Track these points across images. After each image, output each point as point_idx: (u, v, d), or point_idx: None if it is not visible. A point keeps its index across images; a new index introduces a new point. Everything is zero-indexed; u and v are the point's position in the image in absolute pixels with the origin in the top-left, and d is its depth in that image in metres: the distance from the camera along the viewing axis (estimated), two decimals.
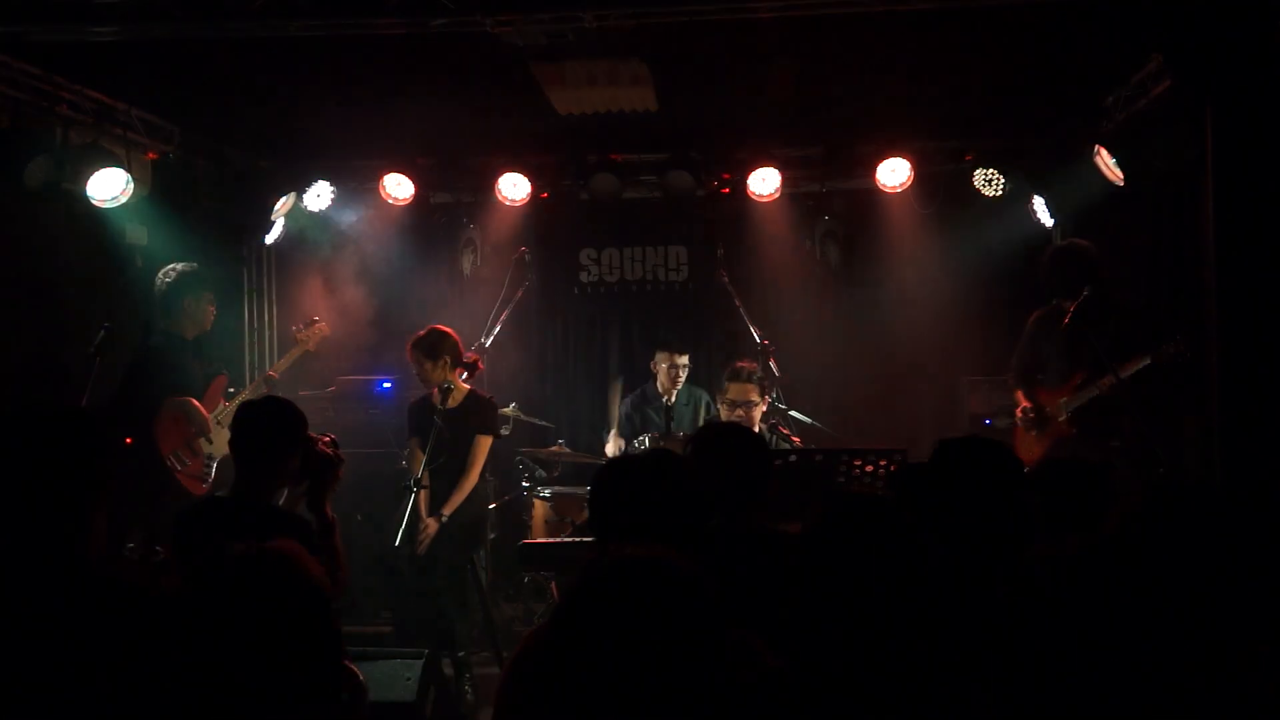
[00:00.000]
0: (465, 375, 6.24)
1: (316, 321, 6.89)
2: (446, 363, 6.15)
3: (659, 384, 7.12)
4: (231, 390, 6.43)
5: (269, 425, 3.70)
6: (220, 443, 5.90)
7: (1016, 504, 2.87)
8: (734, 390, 6.29)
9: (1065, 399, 5.76)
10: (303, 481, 3.76)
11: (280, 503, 3.73)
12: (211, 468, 5.96)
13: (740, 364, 6.47)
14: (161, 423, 5.82)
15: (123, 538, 5.05)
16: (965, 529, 2.78)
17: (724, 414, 6.35)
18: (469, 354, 6.35)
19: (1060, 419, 5.77)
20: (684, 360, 7.11)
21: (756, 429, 6.19)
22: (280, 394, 6.78)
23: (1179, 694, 1.50)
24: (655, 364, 7.12)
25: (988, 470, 2.88)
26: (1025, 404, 6.00)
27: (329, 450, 3.78)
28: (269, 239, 7.62)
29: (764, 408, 6.37)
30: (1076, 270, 5.74)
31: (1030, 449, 5.90)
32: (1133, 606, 1.53)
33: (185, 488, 5.79)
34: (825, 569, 2.27)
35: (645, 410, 7.21)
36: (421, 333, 6.21)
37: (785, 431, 6.60)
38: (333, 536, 3.74)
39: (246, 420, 3.73)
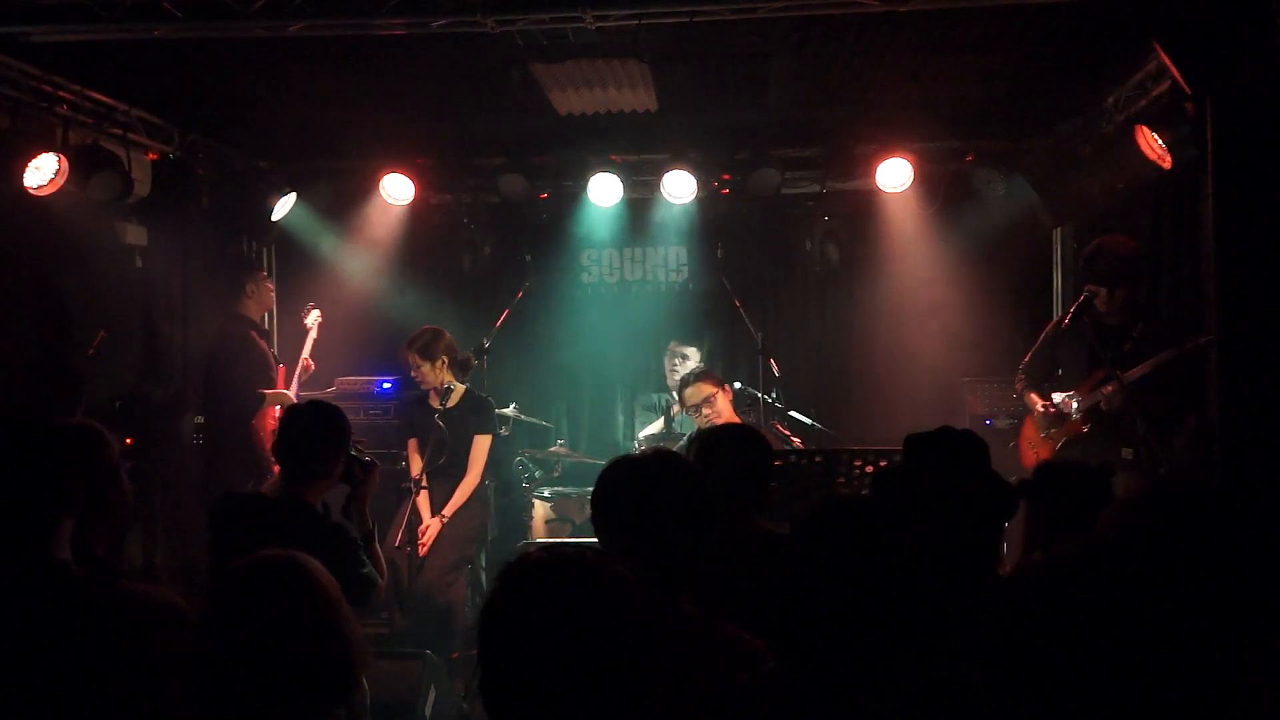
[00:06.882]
0: (461, 374, 6.24)
1: (310, 307, 7.19)
2: (444, 363, 6.14)
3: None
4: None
5: (318, 429, 3.73)
6: None
7: (990, 486, 2.89)
8: (690, 394, 6.07)
9: (1080, 398, 5.67)
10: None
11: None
12: None
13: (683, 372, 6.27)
14: (264, 417, 5.89)
15: (121, 541, 5.05)
16: (944, 518, 2.80)
17: (698, 423, 6.04)
18: (462, 353, 6.34)
19: (1074, 417, 5.68)
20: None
21: (728, 419, 5.91)
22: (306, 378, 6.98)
23: (1179, 694, 1.50)
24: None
25: (955, 456, 2.90)
26: (1045, 402, 5.86)
27: (367, 457, 3.84)
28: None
29: (729, 394, 6.15)
30: (1114, 265, 5.55)
31: (1038, 449, 5.83)
32: (1131, 607, 1.54)
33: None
34: (808, 571, 2.29)
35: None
36: (415, 334, 6.19)
37: (785, 432, 6.58)
38: (374, 543, 3.80)
39: (295, 423, 3.78)
